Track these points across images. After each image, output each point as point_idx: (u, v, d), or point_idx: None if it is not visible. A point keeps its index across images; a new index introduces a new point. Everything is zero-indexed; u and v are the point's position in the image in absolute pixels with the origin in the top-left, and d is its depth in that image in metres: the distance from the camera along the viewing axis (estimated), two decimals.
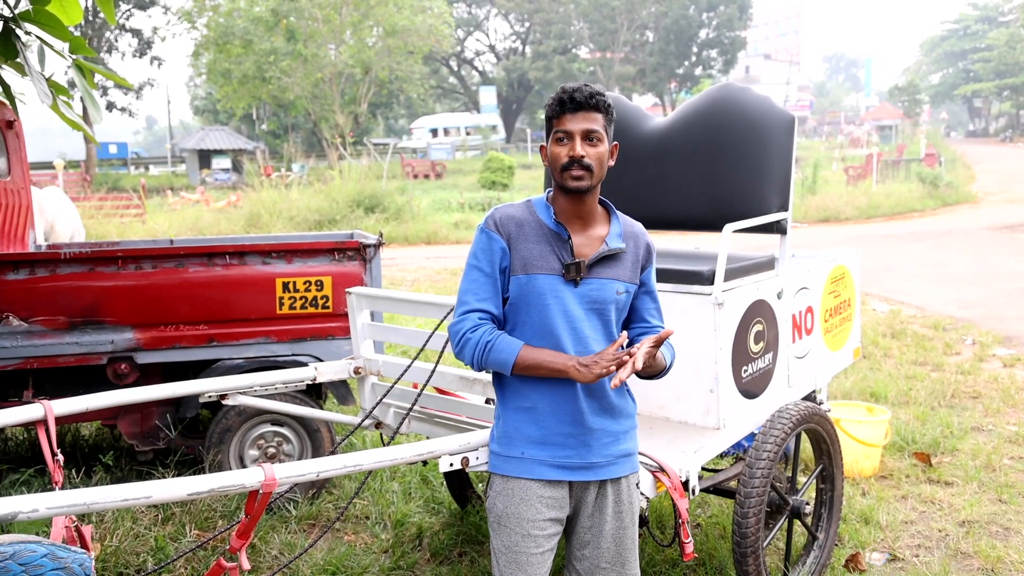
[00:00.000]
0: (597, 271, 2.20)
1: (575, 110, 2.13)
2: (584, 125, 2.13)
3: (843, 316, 3.97)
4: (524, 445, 2.22)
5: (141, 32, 37.08)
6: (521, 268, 2.18)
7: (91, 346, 4.05)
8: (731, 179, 3.36)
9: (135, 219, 18.11)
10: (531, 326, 2.19)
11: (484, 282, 2.20)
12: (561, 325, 2.16)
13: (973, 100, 68.22)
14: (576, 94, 2.13)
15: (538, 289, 2.17)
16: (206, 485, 2.02)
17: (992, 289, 10.52)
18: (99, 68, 3.25)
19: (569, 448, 2.20)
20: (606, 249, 2.21)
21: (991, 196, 24.27)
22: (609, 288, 2.21)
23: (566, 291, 2.17)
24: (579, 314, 2.18)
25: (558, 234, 2.20)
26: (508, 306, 2.23)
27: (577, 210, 2.21)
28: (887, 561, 3.74)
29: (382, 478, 4.51)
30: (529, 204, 2.27)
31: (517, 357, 2.14)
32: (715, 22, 52.42)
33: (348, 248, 4.30)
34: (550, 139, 2.19)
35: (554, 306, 2.16)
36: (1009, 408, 5.87)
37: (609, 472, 2.25)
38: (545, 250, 2.18)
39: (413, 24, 34.21)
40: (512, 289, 2.20)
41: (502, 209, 2.25)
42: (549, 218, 2.21)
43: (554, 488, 2.22)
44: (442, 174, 34.00)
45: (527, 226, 2.20)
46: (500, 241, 2.19)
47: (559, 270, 2.17)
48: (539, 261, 2.17)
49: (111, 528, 3.83)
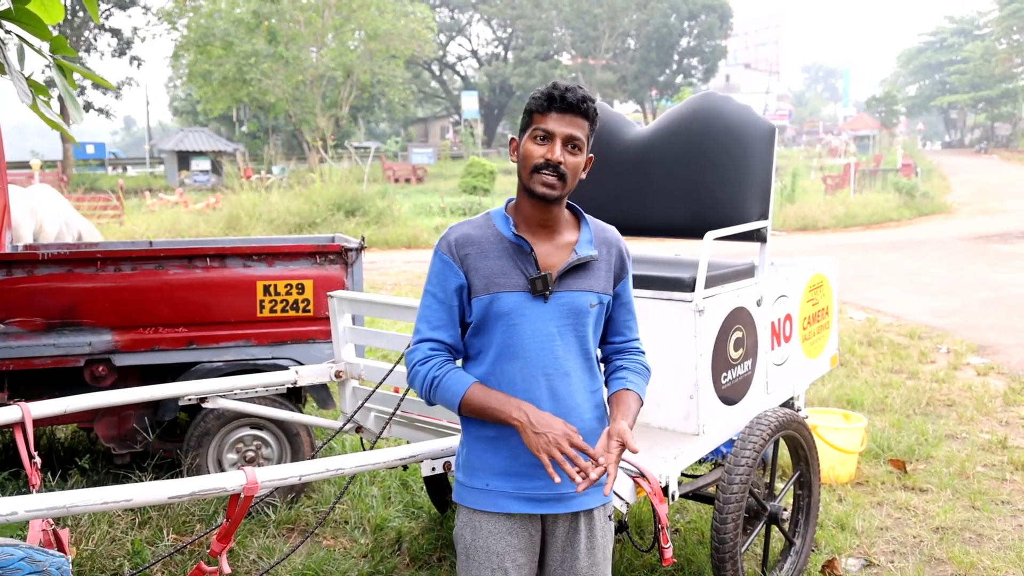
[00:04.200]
0: (567, 282, 2.02)
1: (563, 111, 1.96)
2: (569, 129, 1.96)
3: (821, 324, 4.01)
4: (488, 476, 2.05)
5: (121, 32, 36.78)
6: (483, 288, 2.00)
7: (68, 348, 4.01)
8: (712, 187, 3.39)
9: (113, 220, 17.96)
10: (498, 349, 2.01)
11: (437, 309, 2.04)
12: (532, 346, 1.99)
13: (949, 112, 69.11)
14: (569, 94, 1.95)
15: (503, 308, 1.99)
16: (187, 489, 2.01)
17: (966, 298, 10.66)
18: (79, 68, 3.22)
19: (538, 479, 2.02)
20: (576, 258, 2.02)
21: (966, 207, 24.59)
22: (582, 300, 2.03)
23: (535, 308, 1.99)
24: (552, 332, 2.01)
25: (519, 246, 2.01)
26: (473, 330, 2.05)
27: (542, 218, 2.03)
28: (863, 567, 3.77)
29: (362, 482, 4.50)
30: (488, 217, 2.08)
31: (463, 397, 1.96)
32: (696, 31, 52.80)
33: (330, 251, 4.29)
34: (527, 134, 2.00)
35: (522, 326, 1.99)
36: (982, 416, 5.95)
37: (581, 503, 2.08)
38: (508, 265, 2.00)
39: (395, 28, 34.16)
40: (476, 311, 2.01)
41: (457, 228, 2.06)
42: (508, 230, 2.03)
43: (523, 521, 2.07)
44: (423, 178, 33.97)
45: (485, 242, 2.02)
46: (453, 264, 2.02)
47: (525, 286, 1.99)
48: (502, 278, 1.99)
49: (87, 532, 3.79)
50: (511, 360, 2.00)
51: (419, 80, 53.77)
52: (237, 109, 41.10)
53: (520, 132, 2.05)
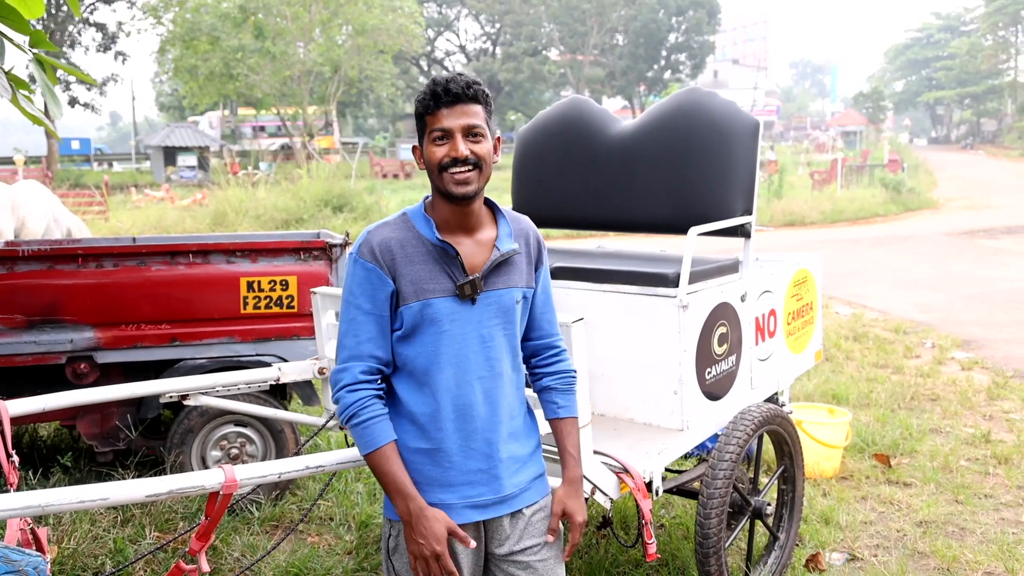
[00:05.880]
0: (492, 281, 1.97)
1: (451, 103, 1.89)
2: (463, 120, 1.89)
3: (805, 319, 4.01)
4: (435, 490, 1.97)
5: (106, 26, 36.53)
6: (413, 295, 1.92)
7: (50, 345, 3.97)
8: (696, 183, 3.38)
9: (98, 216, 17.84)
10: (430, 357, 1.94)
11: (363, 321, 1.93)
12: (464, 352, 1.94)
13: (935, 107, 69.54)
14: (451, 85, 1.89)
15: (434, 315, 1.93)
16: (165, 487, 1.99)
17: (951, 294, 10.72)
18: (60, 63, 3.19)
19: (481, 485, 1.99)
20: (499, 255, 1.97)
21: (952, 202, 24.73)
22: (508, 298, 1.99)
23: (464, 312, 1.94)
24: (482, 334, 1.96)
25: (444, 250, 1.95)
26: (400, 338, 1.97)
27: (463, 219, 1.98)
28: (846, 561, 3.79)
29: (347, 479, 4.48)
30: (406, 218, 2.00)
31: (373, 452, 1.91)
32: (684, 26, 52.90)
33: (314, 247, 4.27)
34: (425, 139, 1.94)
35: (453, 331, 1.94)
36: (966, 410, 5.98)
37: (523, 500, 2.05)
38: (434, 270, 1.93)
39: (383, 23, 34.03)
40: (405, 319, 1.94)
41: (377, 232, 1.97)
42: (431, 233, 1.95)
43: (470, 529, 2.00)
44: (412, 174, 33.91)
45: (409, 246, 1.94)
46: (380, 274, 1.92)
47: (452, 290, 1.93)
48: (430, 283, 1.93)
49: (69, 530, 3.77)
50: (444, 368, 1.95)
51: (407, 75, 53.61)
52: (224, 105, 40.85)
53: (419, 140, 1.99)
